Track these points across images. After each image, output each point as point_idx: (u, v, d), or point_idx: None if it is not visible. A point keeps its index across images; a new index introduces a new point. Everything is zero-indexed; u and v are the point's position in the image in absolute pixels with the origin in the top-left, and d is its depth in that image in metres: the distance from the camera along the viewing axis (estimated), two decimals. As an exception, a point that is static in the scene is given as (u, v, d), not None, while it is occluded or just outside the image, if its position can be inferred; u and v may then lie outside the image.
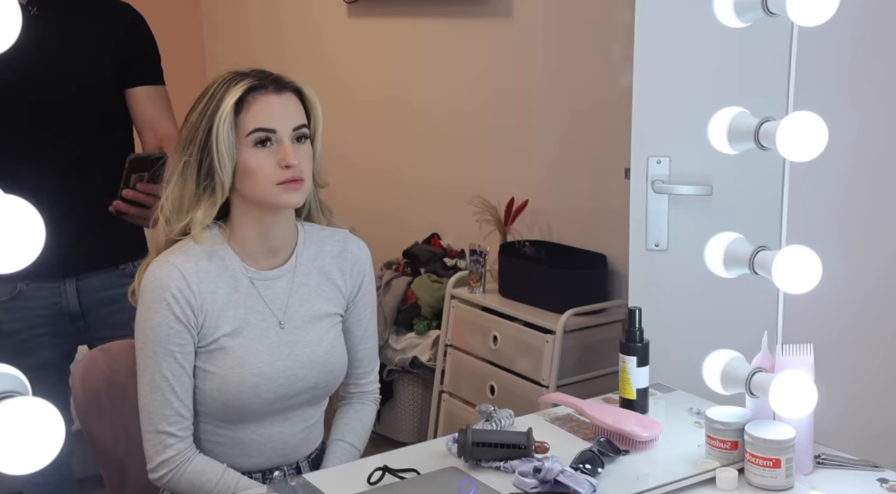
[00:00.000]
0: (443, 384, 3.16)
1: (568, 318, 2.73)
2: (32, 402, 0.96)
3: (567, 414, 1.78)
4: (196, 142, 1.58)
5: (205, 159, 1.58)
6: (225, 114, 1.56)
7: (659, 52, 1.95)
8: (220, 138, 1.56)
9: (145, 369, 1.60)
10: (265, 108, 1.58)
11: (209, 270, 1.62)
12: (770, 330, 1.63)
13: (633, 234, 2.00)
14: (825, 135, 1.47)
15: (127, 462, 1.83)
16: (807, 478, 1.55)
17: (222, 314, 1.61)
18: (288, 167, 1.57)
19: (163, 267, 1.59)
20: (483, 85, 3.41)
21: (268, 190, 1.58)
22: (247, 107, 1.57)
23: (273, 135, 1.58)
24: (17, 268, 0.95)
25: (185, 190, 1.60)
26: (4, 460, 0.94)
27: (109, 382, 1.85)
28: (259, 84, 1.59)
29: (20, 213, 0.94)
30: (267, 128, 1.57)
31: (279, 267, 1.68)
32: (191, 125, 1.60)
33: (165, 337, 1.58)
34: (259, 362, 1.62)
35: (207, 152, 1.57)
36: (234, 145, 1.57)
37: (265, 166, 1.57)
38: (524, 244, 3.05)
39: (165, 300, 1.57)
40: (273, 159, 1.58)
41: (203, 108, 1.59)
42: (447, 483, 1.49)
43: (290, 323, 1.67)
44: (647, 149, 1.96)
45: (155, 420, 1.60)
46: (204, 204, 1.60)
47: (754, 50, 1.75)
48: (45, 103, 2.07)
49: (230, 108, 1.56)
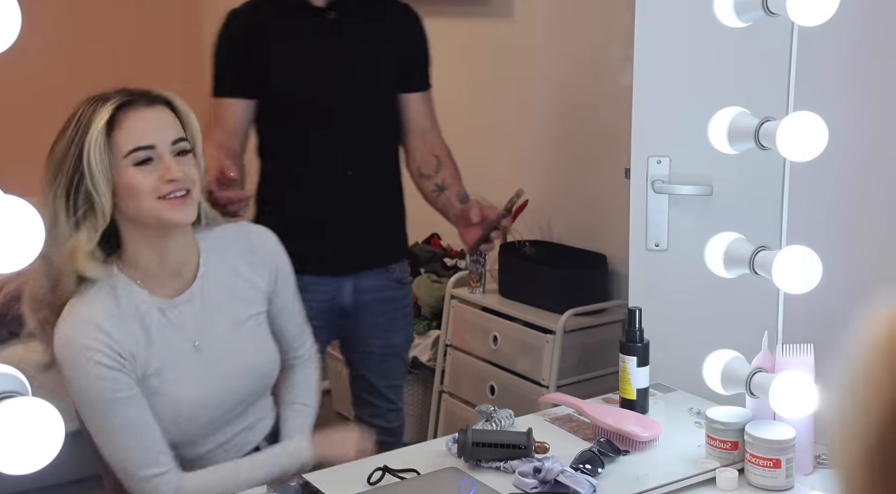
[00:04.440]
0: (443, 384, 3.16)
1: (568, 318, 2.73)
2: (32, 402, 0.96)
3: (567, 414, 1.78)
4: (64, 171, 1.48)
5: (78, 187, 1.47)
6: (96, 135, 1.46)
7: (659, 52, 1.95)
8: (92, 161, 1.46)
9: (104, 430, 1.53)
10: (139, 124, 1.50)
11: (116, 314, 1.52)
12: (770, 330, 1.63)
13: (633, 234, 2.00)
14: (825, 135, 1.47)
15: (127, 463, 1.82)
16: (807, 478, 1.55)
17: (143, 354, 1.54)
18: (172, 181, 1.50)
19: (74, 327, 1.49)
20: (483, 84, 3.41)
21: (151, 205, 1.50)
22: (119, 126, 1.49)
23: (153, 151, 1.50)
24: (16, 268, 0.95)
25: (56, 225, 1.47)
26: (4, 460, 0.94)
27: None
28: (128, 100, 1.51)
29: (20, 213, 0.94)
30: (145, 146, 1.50)
31: (187, 288, 1.61)
32: (57, 155, 1.49)
33: (110, 388, 1.49)
34: (188, 393, 1.59)
35: (80, 178, 1.47)
36: (108, 167, 1.48)
37: (146, 182, 1.49)
38: (524, 244, 3.05)
39: (90, 358, 1.48)
40: (155, 175, 1.50)
41: (70, 136, 1.48)
42: (447, 484, 1.49)
43: (209, 341, 1.62)
44: (647, 149, 1.96)
45: (134, 470, 1.54)
46: (84, 230, 1.49)
47: (754, 50, 1.75)
48: (337, 104, 2.18)
49: (101, 128, 1.47)
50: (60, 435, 0.96)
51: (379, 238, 2.29)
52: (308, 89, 2.16)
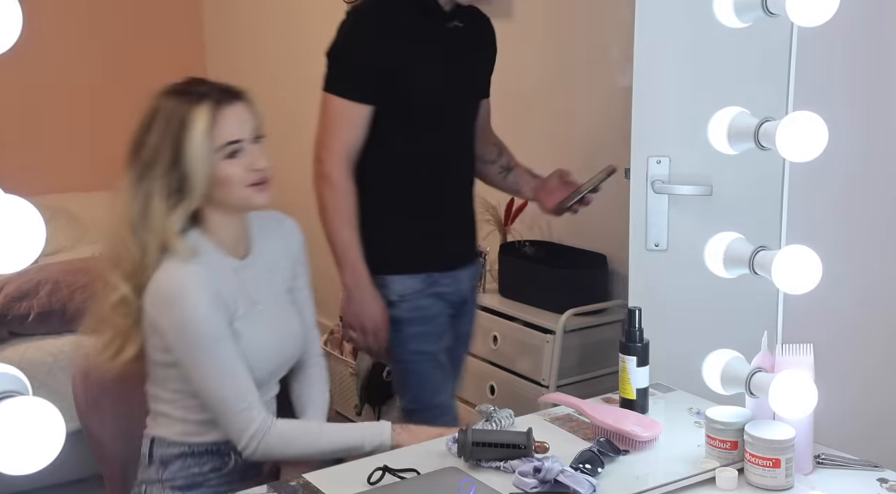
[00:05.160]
0: (443, 384, 3.16)
1: (568, 318, 2.73)
2: (32, 402, 0.96)
3: (567, 414, 1.78)
4: (161, 163, 1.64)
5: (174, 178, 1.64)
6: (198, 134, 1.63)
7: (659, 52, 1.95)
8: (194, 157, 1.63)
9: (208, 367, 1.65)
10: (231, 120, 1.67)
11: (209, 266, 1.68)
12: (770, 330, 1.63)
13: (633, 234, 2.00)
14: (825, 135, 1.47)
15: (127, 462, 1.83)
16: (807, 478, 1.55)
17: (231, 300, 1.69)
18: (258, 170, 1.68)
19: (179, 276, 1.64)
20: (483, 85, 3.40)
21: (241, 193, 1.68)
22: (214, 125, 1.65)
23: (240, 144, 1.68)
24: (17, 269, 0.95)
25: (148, 209, 1.65)
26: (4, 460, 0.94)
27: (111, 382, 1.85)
28: (218, 98, 1.66)
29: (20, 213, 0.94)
30: (235, 140, 1.67)
31: (248, 255, 1.78)
32: (151, 147, 1.65)
33: (214, 325, 1.64)
34: (259, 341, 1.73)
35: (178, 170, 1.64)
36: (209, 161, 1.64)
37: (237, 173, 1.67)
38: (524, 244, 3.05)
39: (199, 295, 1.63)
40: (243, 166, 1.68)
41: (163, 130, 1.64)
42: (447, 483, 1.49)
43: (266, 303, 1.77)
44: (647, 149, 1.96)
45: (233, 404, 1.66)
46: (178, 213, 1.66)
47: (754, 50, 1.75)
48: (460, 108, 2.29)
49: (204, 129, 1.63)
50: (61, 435, 0.96)
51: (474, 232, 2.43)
52: (439, 94, 2.20)
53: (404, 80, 2.14)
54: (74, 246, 4.10)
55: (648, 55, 1.94)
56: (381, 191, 2.22)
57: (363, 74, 2.14)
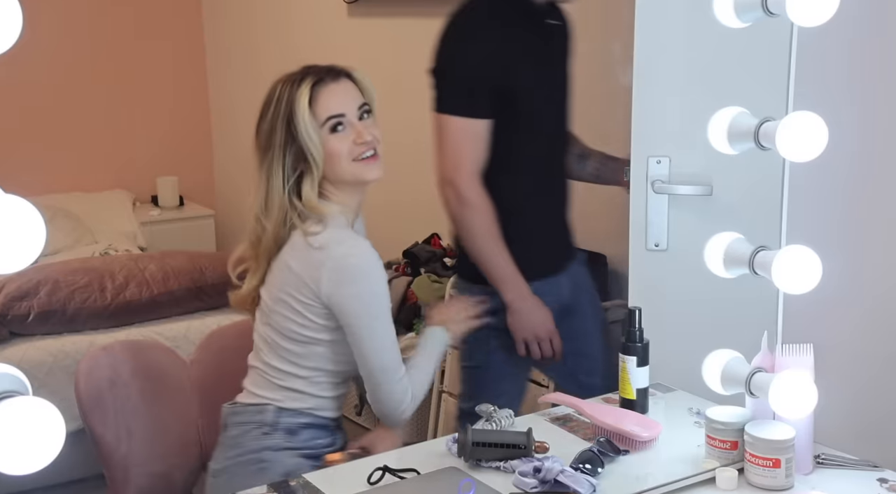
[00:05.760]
0: (443, 384, 3.16)
1: (568, 318, 2.72)
2: (32, 402, 0.96)
3: (567, 414, 1.78)
4: (275, 144, 1.75)
5: (287, 156, 1.74)
6: (302, 110, 1.72)
7: (659, 52, 1.95)
8: (303, 130, 1.72)
9: (382, 334, 1.77)
10: (332, 97, 1.76)
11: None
12: (770, 330, 1.63)
13: (633, 234, 2.00)
14: (825, 135, 1.47)
15: (129, 462, 1.83)
16: (806, 478, 1.55)
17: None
18: (363, 143, 1.76)
19: (360, 246, 1.76)
20: (483, 85, 3.40)
21: (348, 167, 1.76)
22: (314, 101, 1.74)
23: (343, 118, 1.76)
24: (17, 269, 0.95)
25: (271, 189, 1.76)
26: (4, 460, 0.94)
27: (112, 381, 1.86)
28: (319, 78, 1.76)
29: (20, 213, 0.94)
30: (337, 114, 1.75)
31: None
32: (265, 132, 1.77)
33: (387, 300, 1.78)
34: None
35: (291, 148, 1.74)
36: (318, 133, 1.73)
37: (343, 147, 1.75)
38: (524, 244, 3.04)
39: (381, 269, 1.78)
40: (349, 140, 1.76)
41: (273, 115, 1.75)
42: (447, 483, 1.49)
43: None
44: (647, 149, 1.96)
45: (394, 369, 1.78)
46: (307, 183, 1.75)
47: (754, 50, 1.75)
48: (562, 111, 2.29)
49: (306, 105, 1.73)
50: (61, 435, 0.96)
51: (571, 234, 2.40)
52: (546, 98, 2.20)
53: (517, 87, 2.11)
54: (74, 246, 4.10)
55: (648, 55, 1.94)
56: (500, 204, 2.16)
57: (479, 90, 2.09)
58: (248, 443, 1.78)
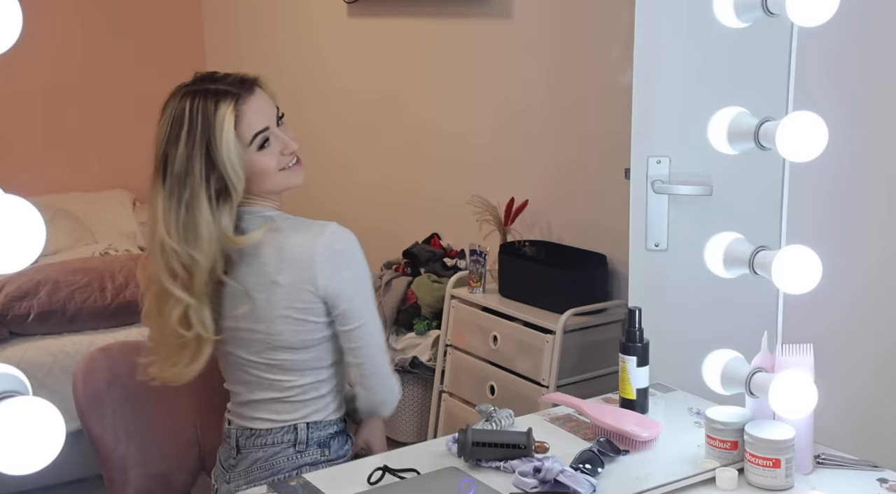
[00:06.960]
0: (443, 384, 3.16)
1: (568, 318, 2.73)
2: (32, 402, 0.96)
3: (567, 414, 1.78)
4: (195, 172, 1.63)
5: (210, 184, 1.64)
6: (228, 136, 1.63)
7: (659, 52, 1.95)
8: (226, 156, 1.63)
9: (375, 311, 1.78)
10: (253, 114, 1.68)
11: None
12: (770, 330, 1.63)
13: (633, 234, 2.00)
14: (825, 135, 1.47)
15: (127, 462, 1.83)
16: (806, 478, 1.55)
17: None
18: (291, 153, 1.73)
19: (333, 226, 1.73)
20: (483, 85, 3.41)
21: (276, 177, 1.72)
22: (239, 122, 1.66)
23: (268, 132, 1.70)
24: (17, 269, 0.94)
25: (196, 222, 1.64)
26: (4, 460, 0.94)
27: (110, 382, 1.86)
28: (235, 94, 1.66)
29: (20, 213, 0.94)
30: (262, 129, 1.69)
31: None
32: (180, 158, 1.64)
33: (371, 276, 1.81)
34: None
35: (214, 175, 1.64)
36: (241, 157, 1.66)
37: (272, 161, 1.71)
38: (524, 244, 3.05)
39: (360, 247, 1.75)
40: (276, 153, 1.71)
41: (188, 139, 1.64)
42: (447, 483, 1.49)
43: None
44: (647, 149, 1.96)
45: (386, 351, 1.83)
46: (225, 212, 1.66)
47: (754, 50, 1.75)
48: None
49: (231, 130, 1.64)
50: (61, 435, 0.96)
51: None
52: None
53: None
54: (74, 246, 4.10)
55: (648, 55, 1.94)
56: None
57: None
58: (282, 463, 1.75)
